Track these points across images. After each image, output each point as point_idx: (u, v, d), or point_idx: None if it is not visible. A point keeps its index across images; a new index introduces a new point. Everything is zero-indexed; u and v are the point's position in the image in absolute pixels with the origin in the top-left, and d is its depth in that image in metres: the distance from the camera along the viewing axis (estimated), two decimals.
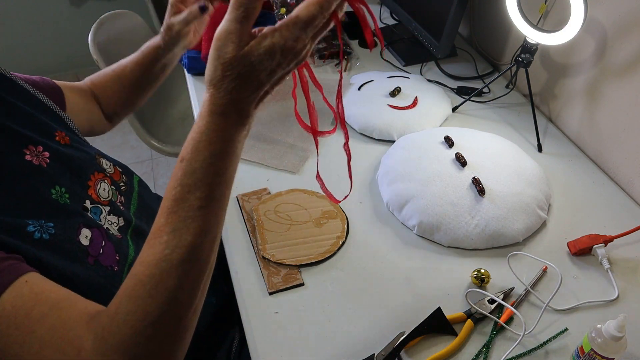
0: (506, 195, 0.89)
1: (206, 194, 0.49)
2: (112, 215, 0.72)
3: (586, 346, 0.66)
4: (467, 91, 1.25)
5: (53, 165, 0.65)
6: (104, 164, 0.76)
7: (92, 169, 0.72)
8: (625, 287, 0.82)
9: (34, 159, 0.63)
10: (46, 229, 0.58)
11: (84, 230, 0.63)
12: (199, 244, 0.49)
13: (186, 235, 0.48)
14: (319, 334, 0.75)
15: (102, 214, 0.70)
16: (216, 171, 0.49)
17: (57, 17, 2.61)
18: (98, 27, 1.47)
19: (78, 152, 0.71)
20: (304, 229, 0.89)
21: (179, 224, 0.48)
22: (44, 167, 0.64)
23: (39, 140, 0.65)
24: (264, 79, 0.48)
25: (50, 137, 0.68)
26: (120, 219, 0.73)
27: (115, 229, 0.71)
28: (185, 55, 1.29)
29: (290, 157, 1.06)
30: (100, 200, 0.71)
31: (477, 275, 0.81)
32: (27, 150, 0.63)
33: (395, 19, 1.55)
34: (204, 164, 0.49)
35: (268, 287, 0.80)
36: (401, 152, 1.00)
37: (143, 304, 0.47)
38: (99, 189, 0.71)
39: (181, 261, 0.48)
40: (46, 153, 0.65)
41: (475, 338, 0.75)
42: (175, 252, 0.48)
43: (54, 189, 0.63)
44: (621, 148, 1.00)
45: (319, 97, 0.67)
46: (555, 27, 0.96)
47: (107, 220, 0.70)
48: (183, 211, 0.49)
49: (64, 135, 0.71)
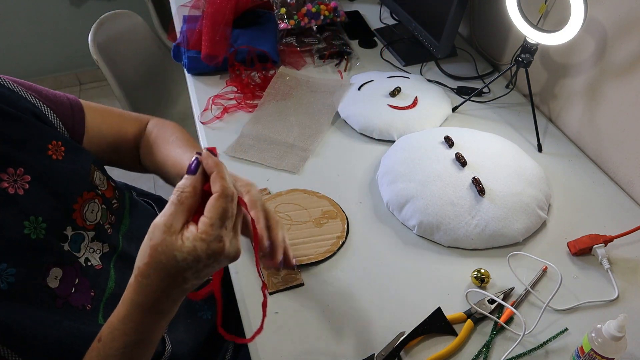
0: (506, 195, 0.89)
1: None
2: (96, 241, 0.68)
3: (586, 346, 0.66)
4: (467, 91, 1.25)
5: (33, 191, 0.61)
6: (97, 179, 0.71)
7: (81, 190, 0.67)
8: (625, 287, 0.81)
9: (10, 187, 0.59)
10: (5, 277, 0.55)
11: (54, 270, 0.60)
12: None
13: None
14: (319, 334, 0.75)
15: (84, 242, 0.66)
16: (130, 357, 0.51)
17: (57, 17, 2.60)
18: (98, 27, 1.47)
19: (72, 165, 0.67)
20: (304, 229, 0.89)
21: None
22: (20, 194, 0.59)
23: (21, 160, 0.61)
24: (189, 277, 0.48)
25: (42, 150, 0.64)
26: (104, 246, 0.69)
27: (97, 257, 0.68)
28: (185, 55, 1.29)
29: (290, 157, 1.06)
30: (85, 225, 0.67)
31: (477, 275, 0.81)
32: (4, 175, 0.59)
33: (395, 19, 1.55)
34: (117, 353, 0.50)
35: (268, 287, 0.80)
36: (401, 152, 1.00)
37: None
38: (85, 212, 0.67)
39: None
40: (27, 176, 0.61)
41: (475, 338, 0.75)
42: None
43: (27, 220, 0.59)
44: (621, 148, 1.00)
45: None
46: (555, 27, 0.96)
47: (89, 248, 0.67)
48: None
49: (60, 145, 0.66)
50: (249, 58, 1.27)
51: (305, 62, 1.35)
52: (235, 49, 1.28)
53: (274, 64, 1.30)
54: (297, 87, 1.24)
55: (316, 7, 1.38)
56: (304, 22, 1.38)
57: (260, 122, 1.14)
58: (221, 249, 0.47)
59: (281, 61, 1.33)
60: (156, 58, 1.72)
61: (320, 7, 1.39)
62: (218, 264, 0.48)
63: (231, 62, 1.27)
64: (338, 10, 1.42)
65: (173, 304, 0.50)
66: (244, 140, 1.09)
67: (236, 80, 1.25)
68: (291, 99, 1.21)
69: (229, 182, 0.48)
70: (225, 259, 0.48)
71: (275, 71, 1.27)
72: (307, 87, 1.24)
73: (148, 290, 0.48)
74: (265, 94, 1.21)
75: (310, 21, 1.39)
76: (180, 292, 0.49)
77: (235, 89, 1.23)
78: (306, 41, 1.39)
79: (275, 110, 1.17)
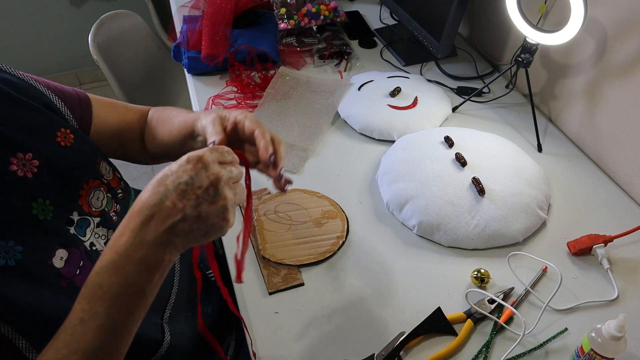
0: (506, 195, 0.89)
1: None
2: (102, 227, 0.69)
3: (586, 346, 0.66)
4: (467, 91, 1.25)
5: (41, 175, 0.62)
6: (103, 169, 0.73)
7: (87, 177, 0.69)
8: (625, 287, 0.82)
9: (19, 170, 0.61)
10: (13, 254, 0.56)
11: (60, 251, 0.61)
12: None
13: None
14: (319, 334, 0.75)
15: (90, 227, 0.67)
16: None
17: (57, 17, 2.60)
18: (98, 27, 1.47)
19: (78, 155, 0.69)
20: (304, 229, 0.89)
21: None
22: (29, 177, 0.61)
23: (30, 145, 0.62)
24: (180, 207, 0.50)
25: (50, 137, 0.66)
26: (109, 232, 0.70)
27: (102, 243, 0.69)
28: (186, 55, 1.29)
29: (290, 157, 1.06)
30: (91, 211, 0.68)
31: (477, 275, 0.81)
32: (14, 159, 0.60)
33: (395, 19, 1.55)
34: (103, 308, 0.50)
35: (268, 287, 0.80)
36: (401, 152, 1.00)
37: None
38: (91, 198, 0.69)
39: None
40: (35, 162, 0.62)
41: (475, 338, 0.75)
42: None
43: (35, 202, 0.61)
44: (621, 148, 1.00)
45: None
46: (555, 27, 0.97)
47: (94, 234, 0.68)
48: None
49: (69, 132, 0.68)
50: (249, 58, 1.28)
51: (305, 62, 1.35)
52: (235, 49, 1.28)
53: (274, 64, 1.30)
54: (297, 87, 1.24)
55: (316, 7, 1.39)
56: (304, 22, 1.38)
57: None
58: (200, 155, 0.52)
59: (281, 61, 1.33)
60: (156, 58, 1.72)
61: (320, 7, 1.39)
62: (198, 204, 0.51)
63: (231, 62, 1.27)
64: (338, 10, 1.42)
65: (144, 225, 0.50)
66: None
67: (236, 80, 1.25)
68: (291, 99, 1.21)
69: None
70: (205, 169, 0.51)
71: (275, 71, 1.27)
72: (307, 87, 1.24)
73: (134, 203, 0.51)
74: (265, 94, 1.21)
75: (310, 21, 1.39)
76: (151, 214, 0.50)
77: (235, 89, 1.23)
78: (306, 41, 1.39)
79: (275, 110, 1.17)
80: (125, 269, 0.50)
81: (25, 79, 0.69)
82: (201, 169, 0.51)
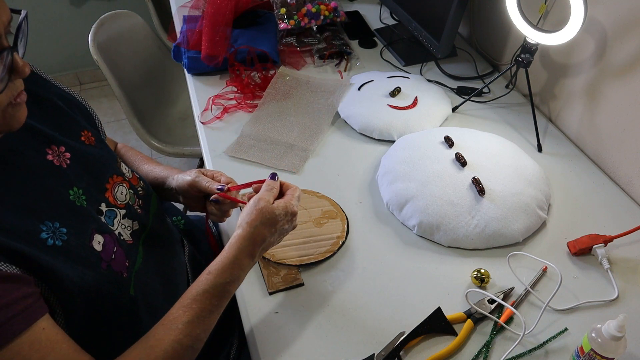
0: (506, 195, 0.89)
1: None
2: (127, 219, 0.74)
3: (586, 346, 0.66)
4: (467, 91, 1.25)
5: (73, 166, 0.67)
6: (123, 167, 0.78)
7: (111, 172, 0.74)
8: (625, 287, 0.82)
9: (55, 159, 0.65)
10: (59, 235, 0.60)
11: (97, 235, 0.65)
12: (203, 338, 0.65)
13: (196, 329, 0.63)
14: (319, 334, 0.75)
15: (117, 218, 0.72)
16: (225, 293, 0.67)
17: (57, 17, 2.60)
18: (98, 27, 1.47)
19: (102, 151, 0.74)
20: (304, 229, 0.89)
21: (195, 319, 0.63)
22: (64, 167, 0.66)
23: (61, 140, 0.67)
24: (278, 228, 0.71)
25: (76, 135, 0.71)
26: (135, 223, 0.75)
27: (128, 233, 0.73)
28: (186, 55, 1.29)
29: (290, 157, 1.06)
30: (117, 203, 0.73)
31: (477, 275, 0.81)
32: (49, 150, 0.65)
33: (395, 19, 1.55)
34: (220, 284, 0.66)
35: (268, 287, 0.80)
36: (401, 152, 1.00)
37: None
38: (116, 192, 0.73)
39: (189, 346, 0.62)
40: (67, 154, 0.67)
41: (475, 338, 0.75)
42: (187, 339, 0.62)
43: (72, 189, 0.65)
44: (621, 148, 1.00)
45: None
46: (555, 27, 0.97)
47: (121, 224, 0.72)
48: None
49: (90, 135, 0.73)
50: (249, 58, 1.27)
51: (305, 62, 1.35)
52: (235, 49, 1.28)
53: (274, 64, 1.30)
54: (297, 87, 1.24)
55: (316, 7, 1.38)
56: (304, 22, 1.38)
57: (260, 122, 1.14)
58: (296, 211, 0.73)
59: (281, 61, 1.33)
60: (156, 58, 1.72)
61: (320, 7, 1.39)
62: (291, 224, 0.73)
63: (231, 62, 1.27)
64: (338, 10, 1.42)
65: (260, 251, 0.70)
66: (244, 140, 1.09)
67: (236, 80, 1.25)
68: (291, 99, 1.21)
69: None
70: (295, 219, 0.74)
71: (275, 71, 1.27)
72: (307, 87, 1.24)
73: (253, 235, 0.68)
74: (265, 94, 1.21)
75: (310, 21, 1.39)
76: (267, 244, 0.71)
77: (235, 89, 1.23)
78: (306, 41, 1.39)
79: (275, 110, 1.17)
80: (239, 280, 0.68)
81: (47, 77, 0.76)
82: (293, 217, 0.73)
